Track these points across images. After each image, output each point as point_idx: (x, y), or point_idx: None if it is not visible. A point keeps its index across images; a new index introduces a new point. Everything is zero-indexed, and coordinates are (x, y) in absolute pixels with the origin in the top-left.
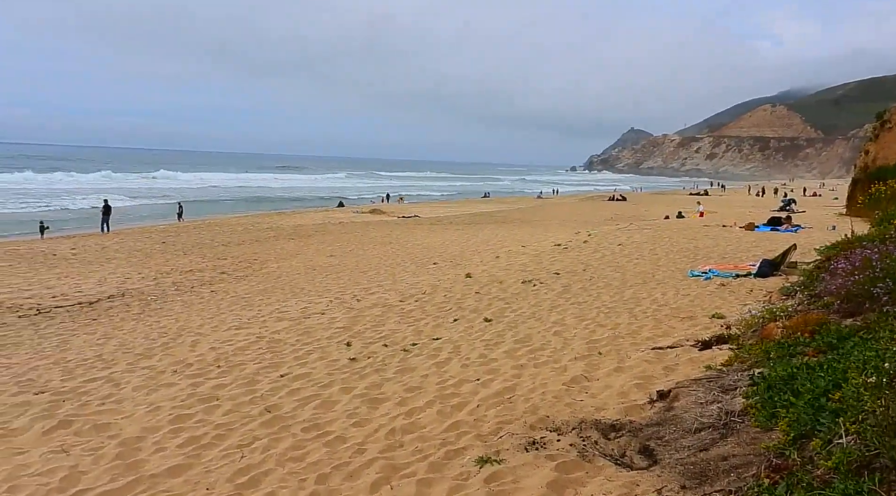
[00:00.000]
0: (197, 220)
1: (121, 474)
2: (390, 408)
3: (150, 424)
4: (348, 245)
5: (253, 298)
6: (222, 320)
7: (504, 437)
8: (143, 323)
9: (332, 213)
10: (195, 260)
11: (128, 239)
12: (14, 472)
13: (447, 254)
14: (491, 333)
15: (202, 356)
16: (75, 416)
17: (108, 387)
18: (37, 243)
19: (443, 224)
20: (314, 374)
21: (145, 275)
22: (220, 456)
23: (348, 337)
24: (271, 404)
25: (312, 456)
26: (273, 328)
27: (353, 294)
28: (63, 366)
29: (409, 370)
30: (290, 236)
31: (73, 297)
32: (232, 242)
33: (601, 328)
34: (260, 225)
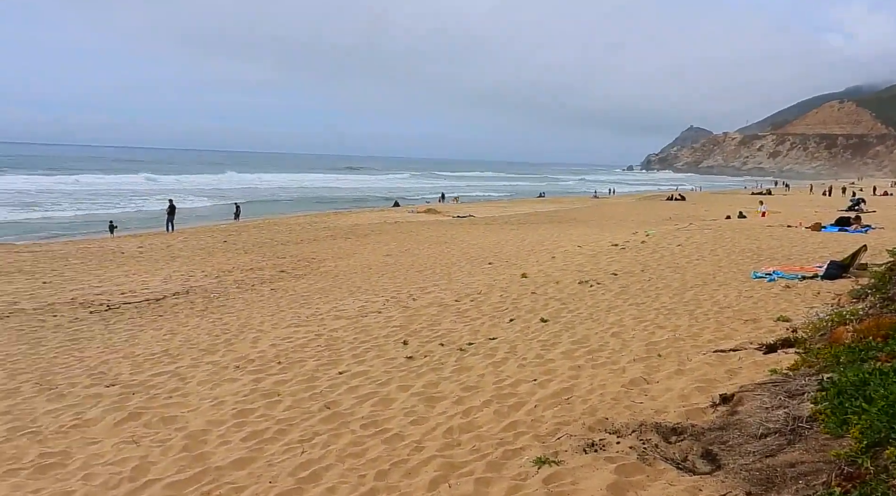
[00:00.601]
0: (257, 220)
1: (187, 465)
2: (447, 406)
3: (214, 418)
4: (404, 244)
5: (311, 296)
6: (282, 318)
7: (562, 438)
8: (207, 319)
9: (388, 212)
10: (256, 258)
11: (191, 238)
12: (88, 461)
13: (502, 253)
14: (548, 334)
15: (263, 352)
16: (144, 409)
17: (174, 381)
18: (107, 241)
19: (498, 224)
20: (372, 372)
21: (208, 272)
22: (282, 450)
23: (405, 335)
24: (331, 401)
25: (371, 452)
26: (331, 326)
27: (409, 293)
28: (132, 360)
29: (466, 369)
30: (346, 235)
31: (141, 294)
32: (291, 241)
33: (661, 330)
34: (318, 224)
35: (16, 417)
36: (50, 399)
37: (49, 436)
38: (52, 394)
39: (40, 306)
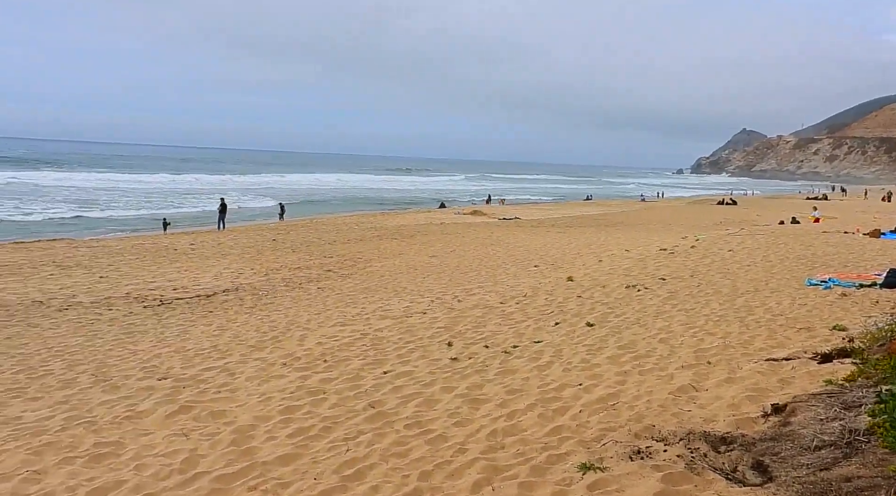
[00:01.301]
0: (305, 219)
1: (235, 460)
2: (491, 409)
3: (261, 413)
4: (449, 246)
5: (357, 296)
6: (328, 316)
7: (608, 445)
8: (255, 316)
9: (434, 213)
10: (303, 257)
11: (241, 236)
12: (140, 452)
13: (548, 256)
14: (593, 338)
15: (309, 350)
16: (194, 403)
17: (223, 376)
18: (160, 238)
19: (544, 226)
20: (416, 373)
21: (257, 270)
22: (327, 447)
23: (449, 337)
24: (375, 400)
25: (415, 453)
26: (376, 326)
27: (454, 294)
28: (183, 355)
29: (510, 372)
30: (392, 236)
31: (192, 290)
32: (337, 241)
33: (710, 337)
34: (364, 225)
35: (73, 407)
36: (105, 390)
37: (104, 426)
38: (107, 385)
39: (97, 300)
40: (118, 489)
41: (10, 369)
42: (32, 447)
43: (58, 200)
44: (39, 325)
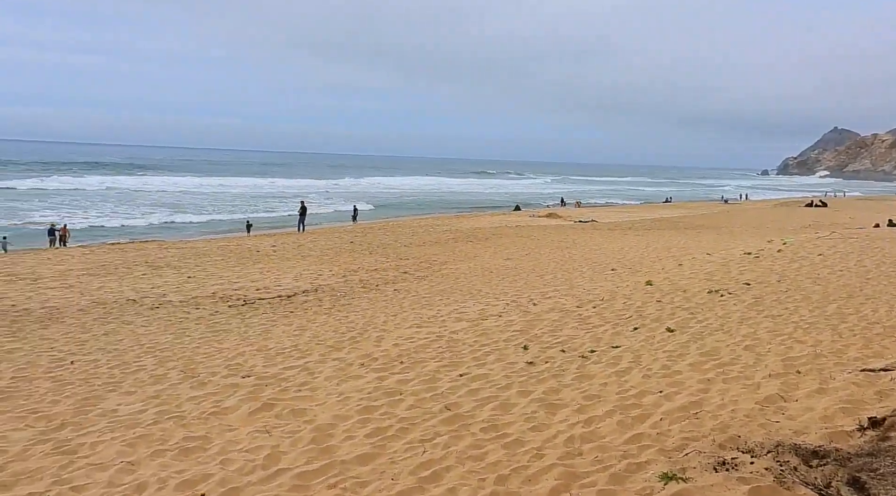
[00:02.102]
0: (381, 222)
1: (315, 457)
2: (568, 414)
3: (340, 413)
4: (524, 248)
5: (433, 298)
6: (404, 318)
7: (690, 455)
8: (334, 317)
9: (509, 216)
10: (379, 259)
11: (320, 238)
12: (226, 447)
13: (626, 259)
14: (674, 344)
15: (386, 351)
16: (276, 400)
17: (303, 375)
18: (244, 240)
19: (621, 229)
20: (492, 376)
21: (335, 272)
22: (404, 448)
23: (525, 340)
24: (451, 402)
25: (491, 456)
26: (452, 328)
27: (530, 297)
28: (265, 354)
29: (588, 377)
30: (467, 239)
31: (274, 291)
32: (413, 243)
33: (799, 345)
34: (439, 227)
35: (163, 402)
36: (193, 386)
37: (192, 421)
38: (194, 381)
39: (185, 299)
40: (205, 482)
41: (107, 364)
42: (127, 439)
43: (149, 204)
44: (133, 323)
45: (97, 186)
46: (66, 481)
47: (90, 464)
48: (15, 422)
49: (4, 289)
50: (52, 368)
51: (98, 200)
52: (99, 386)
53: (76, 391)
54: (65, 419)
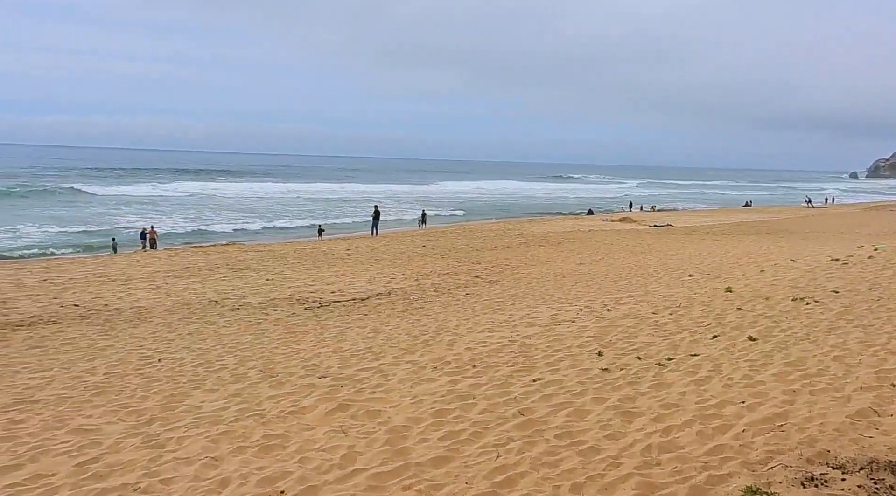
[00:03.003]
0: (453, 226)
1: (390, 459)
2: (645, 423)
3: (414, 415)
4: (597, 253)
5: (505, 303)
6: (476, 322)
7: (776, 469)
8: (406, 320)
9: (581, 220)
10: (451, 263)
11: (393, 242)
12: (304, 446)
13: (703, 265)
14: (756, 353)
15: (459, 355)
16: (351, 401)
17: (377, 377)
18: (319, 244)
19: (698, 233)
20: (566, 382)
21: (407, 275)
22: (478, 452)
23: (599, 346)
24: (525, 407)
25: (566, 463)
26: (524, 333)
27: (603, 303)
28: (340, 355)
29: (665, 385)
30: (539, 243)
31: (348, 293)
32: (485, 248)
33: (894, 357)
34: (511, 231)
35: (244, 400)
36: (272, 385)
37: (271, 419)
38: (273, 381)
39: (264, 301)
40: (285, 479)
41: (191, 362)
42: (211, 435)
43: (228, 208)
44: (215, 323)
45: (180, 192)
46: (156, 474)
47: (177, 458)
48: (109, 416)
49: (98, 289)
50: (141, 365)
51: (181, 206)
52: (184, 383)
53: (163, 388)
54: (153, 414)
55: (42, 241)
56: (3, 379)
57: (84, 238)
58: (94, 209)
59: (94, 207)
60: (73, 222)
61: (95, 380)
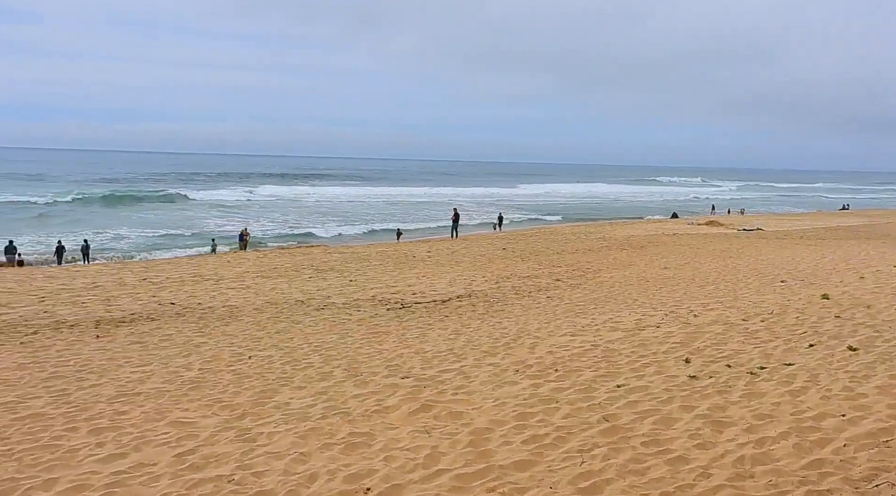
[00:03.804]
0: (534, 229)
1: (473, 461)
2: (737, 433)
3: (496, 418)
4: (683, 257)
5: (586, 306)
6: (558, 326)
7: (882, 487)
8: (487, 323)
9: (665, 223)
10: (532, 266)
11: (473, 245)
12: (388, 444)
13: (797, 271)
14: (858, 364)
15: (540, 359)
16: (434, 402)
17: (459, 378)
18: (400, 246)
19: (791, 238)
20: (651, 388)
21: (488, 278)
22: (562, 457)
23: (686, 353)
24: (609, 413)
25: (654, 472)
26: (607, 337)
27: (690, 308)
28: (422, 356)
29: (758, 395)
30: (621, 246)
31: (429, 295)
32: (566, 251)
33: None
34: (592, 234)
35: (330, 398)
36: (356, 384)
37: (356, 417)
38: (357, 380)
39: (347, 301)
40: (370, 477)
41: (279, 360)
42: (299, 431)
43: (313, 211)
44: (301, 322)
45: (269, 195)
46: (248, 467)
47: (268, 453)
48: (204, 410)
49: (193, 288)
50: (232, 362)
51: (269, 209)
52: (273, 380)
53: (253, 384)
54: (245, 409)
55: (142, 243)
56: (108, 372)
57: (181, 240)
58: (189, 212)
59: (189, 210)
60: (170, 225)
61: (191, 375)
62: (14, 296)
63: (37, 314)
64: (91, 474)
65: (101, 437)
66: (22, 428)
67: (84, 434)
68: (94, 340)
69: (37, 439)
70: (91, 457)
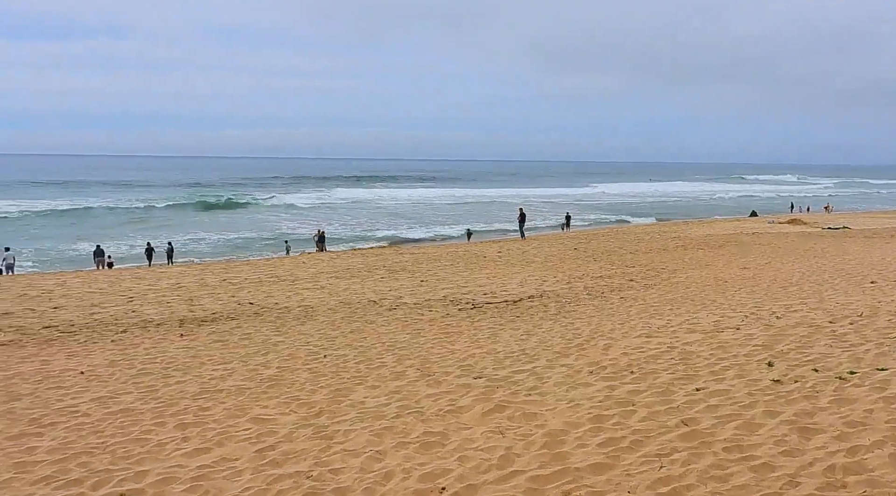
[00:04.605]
0: (605, 228)
1: (548, 462)
2: (826, 441)
3: (571, 419)
4: (763, 257)
5: (661, 307)
6: (632, 327)
7: None
8: (559, 323)
9: (744, 222)
10: (604, 266)
11: (544, 245)
12: (462, 444)
13: (889, 271)
14: None
15: (615, 360)
16: (507, 403)
17: (532, 379)
18: (470, 246)
19: (881, 237)
20: (733, 392)
21: (559, 278)
22: (639, 461)
23: (769, 356)
24: (688, 417)
25: (737, 479)
26: (684, 339)
27: (771, 310)
28: (494, 357)
29: (848, 401)
30: (698, 246)
31: (500, 295)
32: (639, 251)
33: None
34: (667, 234)
35: (404, 397)
36: (429, 384)
37: (430, 417)
38: (430, 379)
39: (419, 302)
40: (445, 476)
41: (353, 359)
42: (374, 430)
43: (386, 213)
44: (374, 322)
45: (343, 198)
46: (326, 463)
47: (344, 450)
48: (282, 407)
49: (269, 288)
50: (309, 361)
51: (342, 211)
52: (347, 379)
53: (329, 382)
54: (321, 407)
55: (220, 245)
56: (192, 369)
57: (258, 243)
58: (263, 216)
59: (263, 214)
60: (248, 227)
61: (269, 373)
62: (105, 296)
63: (126, 313)
64: (178, 467)
65: (186, 432)
66: (114, 422)
67: (171, 429)
68: (178, 339)
69: (127, 433)
70: (178, 451)
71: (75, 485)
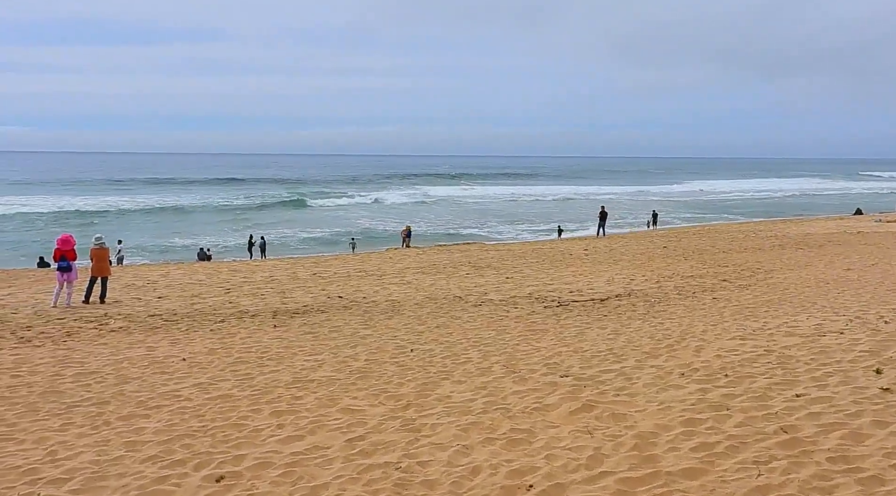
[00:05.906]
0: (697, 226)
1: (638, 465)
2: None
3: (662, 422)
4: (869, 257)
5: (757, 309)
6: (725, 328)
7: None
8: (648, 323)
9: (847, 221)
10: (695, 265)
11: (631, 242)
12: (549, 443)
13: None
14: None
15: (707, 363)
16: (595, 402)
17: (620, 379)
18: (556, 243)
19: None
20: (836, 400)
21: (648, 277)
22: (735, 468)
23: (877, 363)
24: (788, 424)
25: (842, 491)
26: (782, 343)
27: (880, 314)
28: (580, 355)
29: None
30: (797, 245)
31: (587, 293)
32: (732, 250)
33: None
34: (763, 233)
35: (490, 393)
36: (515, 381)
37: (517, 414)
38: (516, 377)
39: (504, 298)
40: (533, 474)
41: (440, 354)
42: (461, 424)
43: (469, 210)
44: (460, 318)
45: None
46: (414, 455)
47: (431, 444)
48: (370, 399)
49: (358, 283)
50: (396, 354)
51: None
52: (434, 373)
53: (416, 376)
54: (409, 400)
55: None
56: (285, 360)
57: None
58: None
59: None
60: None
61: (358, 365)
62: (205, 287)
63: (223, 304)
64: (273, 453)
65: (280, 420)
66: (214, 407)
67: (266, 416)
68: (272, 329)
69: (226, 418)
70: (273, 437)
71: (179, 465)
